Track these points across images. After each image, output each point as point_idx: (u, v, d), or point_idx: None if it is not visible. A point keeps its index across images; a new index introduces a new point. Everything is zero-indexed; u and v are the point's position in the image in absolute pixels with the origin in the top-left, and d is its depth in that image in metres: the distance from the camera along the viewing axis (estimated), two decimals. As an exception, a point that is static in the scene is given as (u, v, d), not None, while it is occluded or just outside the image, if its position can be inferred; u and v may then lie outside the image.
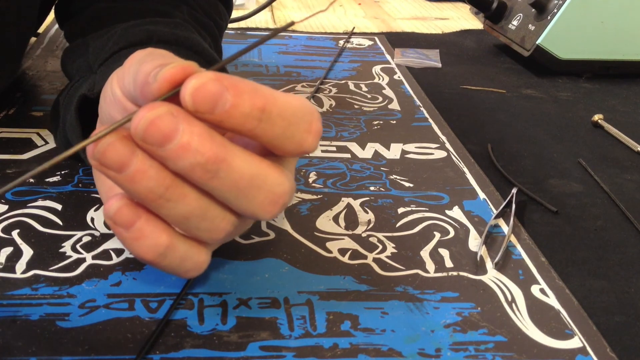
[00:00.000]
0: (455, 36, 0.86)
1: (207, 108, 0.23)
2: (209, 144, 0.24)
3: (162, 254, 0.26)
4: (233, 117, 0.24)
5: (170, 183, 0.25)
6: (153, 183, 0.24)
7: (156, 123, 0.23)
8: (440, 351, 0.29)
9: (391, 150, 0.49)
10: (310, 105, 0.26)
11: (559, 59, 0.69)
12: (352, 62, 0.70)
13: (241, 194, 0.25)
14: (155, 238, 0.26)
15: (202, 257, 0.28)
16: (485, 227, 0.39)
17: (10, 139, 0.46)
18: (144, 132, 0.23)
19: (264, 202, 0.25)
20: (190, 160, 0.23)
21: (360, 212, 0.40)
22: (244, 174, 0.25)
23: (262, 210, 0.26)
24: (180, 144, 0.23)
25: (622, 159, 0.52)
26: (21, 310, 0.30)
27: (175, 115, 0.23)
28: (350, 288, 0.33)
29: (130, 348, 0.28)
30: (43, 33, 0.71)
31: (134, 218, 0.25)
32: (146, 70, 0.25)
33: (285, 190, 0.26)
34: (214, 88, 0.23)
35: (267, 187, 0.25)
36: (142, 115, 0.23)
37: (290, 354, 0.29)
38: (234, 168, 0.24)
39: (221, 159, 0.24)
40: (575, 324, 0.32)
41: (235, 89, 0.23)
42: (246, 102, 0.24)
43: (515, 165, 0.49)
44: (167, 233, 0.26)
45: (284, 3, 1.01)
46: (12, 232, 0.36)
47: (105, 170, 0.24)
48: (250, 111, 0.24)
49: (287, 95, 0.25)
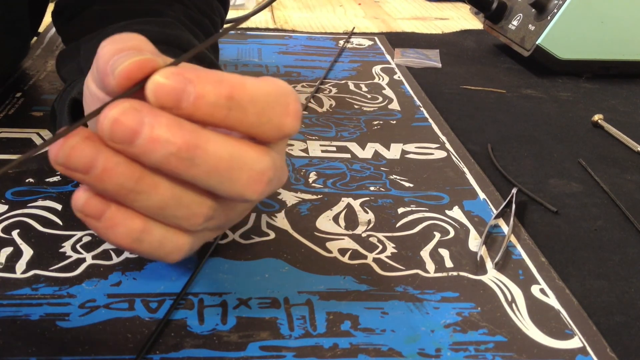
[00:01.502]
0: (455, 36, 0.86)
1: (172, 103, 0.23)
2: (178, 132, 0.23)
3: (137, 239, 0.26)
4: (200, 109, 0.23)
5: (140, 175, 0.24)
6: (122, 179, 0.24)
7: (120, 120, 0.23)
8: (440, 351, 0.29)
9: (391, 150, 0.49)
10: (284, 86, 0.26)
11: (559, 59, 0.69)
12: (352, 62, 0.70)
13: (223, 177, 0.25)
14: (129, 224, 0.25)
15: (182, 239, 0.27)
16: (485, 227, 0.39)
17: (10, 139, 0.46)
18: (110, 132, 0.23)
19: (248, 182, 0.25)
20: (162, 152, 0.23)
21: (360, 212, 0.40)
22: (222, 157, 0.24)
23: (247, 190, 0.25)
24: (149, 137, 0.23)
25: (622, 159, 0.52)
26: (21, 310, 0.30)
27: (139, 109, 0.23)
28: (350, 288, 0.33)
29: (130, 348, 0.28)
30: (43, 33, 0.71)
31: (103, 207, 0.25)
32: (104, 56, 0.24)
33: (267, 166, 0.25)
34: (175, 82, 0.23)
35: (247, 166, 0.25)
36: (105, 114, 0.23)
37: (290, 354, 0.29)
38: (209, 153, 0.24)
39: (194, 145, 0.24)
40: (575, 324, 0.32)
41: (198, 80, 0.23)
42: (211, 92, 0.23)
43: (515, 165, 0.49)
44: (139, 218, 0.26)
45: (284, 3, 1.01)
46: (12, 232, 0.36)
47: (72, 173, 0.24)
48: (217, 100, 0.23)
49: (257, 79, 0.25)
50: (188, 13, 0.46)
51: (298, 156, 0.47)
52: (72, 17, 0.47)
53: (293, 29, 0.85)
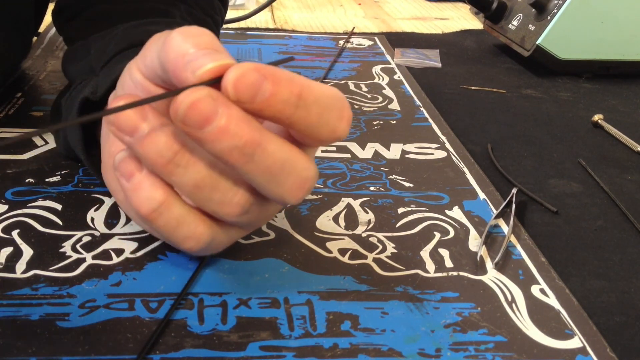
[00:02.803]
0: (455, 36, 0.86)
1: (249, 97, 0.24)
2: (246, 128, 0.25)
3: (156, 210, 0.27)
4: (273, 105, 0.25)
5: (179, 149, 0.26)
6: (162, 146, 0.26)
7: (196, 105, 0.24)
8: (440, 351, 0.29)
9: (391, 150, 0.49)
10: (341, 94, 0.28)
11: (559, 59, 0.69)
12: (352, 62, 0.70)
13: (273, 178, 0.26)
14: (151, 191, 0.27)
15: (201, 229, 0.28)
16: (485, 227, 0.39)
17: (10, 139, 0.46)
18: (184, 114, 0.24)
19: (292, 187, 0.27)
20: (228, 143, 0.24)
21: (360, 212, 0.40)
22: (277, 159, 0.26)
23: (290, 194, 0.27)
24: (219, 126, 0.24)
25: (622, 159, 0.52)
26: (21, 310, 0.30)
27: (215, 98, 0.24)
28: (350, 288, 0.33)
29: (130, 348, 0.28)
30: (43, 33, 0.71)
31: (135, 170, 0.27)
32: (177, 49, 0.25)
33: (312, 175, 0.27)
34: (254, 77, 0.24)
35: (296, 172, 0.26)
36: (183, 98, 0.24)
37: (290, 354, 0.29)
38: (268, 152, 0.25)
39: (257, 142, 0.25)
40: (575, 324, 0.32)
41: (273, 78, 0.24)
42: (284, 89, 0.25)
43: (515, 165, 0.49)
44: (163, 190, 0.27)
45: (284, 3, 1.01)
46: (12, 232, 0.36)
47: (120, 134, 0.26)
48: (289, 98, 0.25)
49: (320, 83, 0.27)
50: (192, 12, 0.46)
51: (298, 156, 0.47)
52: (74, 16, 0.47)
53: (293, 29, 0.85)
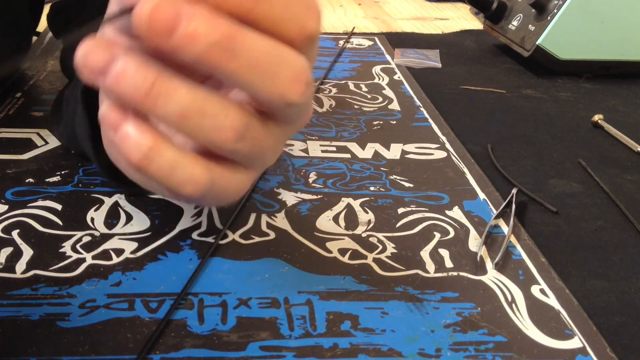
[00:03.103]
0: (455, 36, 0.86)
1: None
2: (218, 22, 0.23)
3: (146, 156, 0.26)
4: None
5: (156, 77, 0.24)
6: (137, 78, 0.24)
7: (157, 10, 0.22)
8: (440, 351, 0.29)
9: (391, 151, 0.49)
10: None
11: (559, 59, 0.69)
12: (352, 62, 0.70)
13: (264, 72, 0.24)
14: (139, 138, 0.26)
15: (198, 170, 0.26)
16: (485, 227, 0.39)
17: (10, 139, 0.46)
18: (148, 24, 0.22)
19: (289, 80, 0.25)
20: (204, 42, 0.23)
21: (360, 212, 0.40)
22: (261, 50, 0.24)
23: (290, 89, 0.25)
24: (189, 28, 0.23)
25: (622, 159, 0.52)
26: (21, 310, 0.30)
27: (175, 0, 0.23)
28: (350, 288, 0.33)
29: (130, 348, 0.28)
30: (43, 33, 0.71)
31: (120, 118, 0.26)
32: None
33: (305, 64, 0.25)
34: None
35: (286, 63, 0.24)
36: (141, 6, 0.22)
37: (290, 354, 0.29)
38: (250, 44, 0.23)
39: (235, 33, 0.23)
40: (575, 324, 0.32)
41: None
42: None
43: (515, 165, 0.49)
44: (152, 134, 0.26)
45: (284, 3, 1.01)
46: (12, 232, 0.36)
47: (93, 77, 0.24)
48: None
49: None
50: None
51: (298, 156, 0.47)
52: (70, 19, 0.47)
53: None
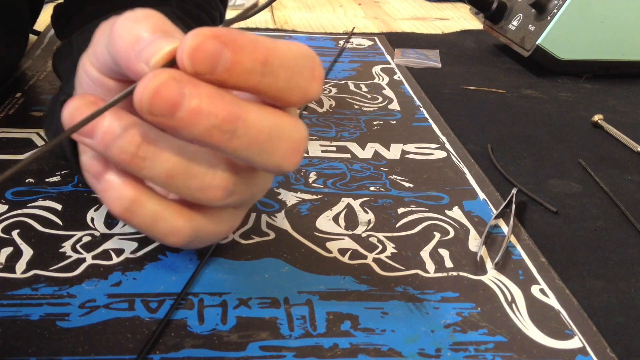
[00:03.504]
0: (455, 36, 0.86)
1: (208, 69, 0.22)
2: (220, 103, 0.23)
3: (128, 209, 0.26)
4: (235, 75, 0.22)
5: (142, 140, 0.24)
6: (123, 142, 0.24)
7: (160, 92, 0.22)
8: (440, 351, 0.29)
9: (391, 151, 0.49)
10: (310, 51, 0.25)
11: (559, 59, 0.69)
12: (352, 62, 0.70)
13: (263, 148, 0.24)
14: (121, 190, 0.25)
15: (180, 222, 0.26)
16: (485, 227, 0.39)
17: (10, 139, 0.46)
18: (149, 105, 0.22)
19: (286, 153, 0.25)
20: (205, 125, 0.22)
21: (360, 212, 0.40)
22: (262, 128, 0.24)
23: (285, 161, 0.25)
24: (191, 109, 0.22)
25: (622, 159, 0.52)
26: (21, 310, 0.30)
27: (179, 80, 0.22)
28: (350, 288, 0.33)
29: (130, 348, 0.28)
30: (43, 33, 0.71)
31: (102, 169, 0.26)
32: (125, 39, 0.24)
33: (304, 135, 0.25)
34: (212, 46, 0.22)
35: (286, 136, 0.25)
36: (143, 87, 0.22)
37: (290, 354, 0.29)
38: (251, 124, 0.23)
39: (236, 116, 0.23)
40: (575, 324, 0.32)
41: (234, 45, 0.22)
42: (247, 57, 0.22)
43: (515, 165, 0.49)
44: (133, 187, 0.25)
45: (284, 3, 1.01)
46: (12, 232, 0.36)
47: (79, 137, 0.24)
48: (253, 66, 0.22)
49: (286, 43, 0.24)
50: (185, 7, 0.46)
51: (298, 156, 0.47)
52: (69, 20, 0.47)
53: (293, 29, 0.85)
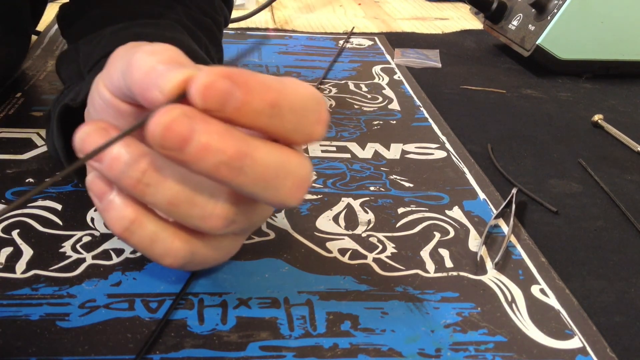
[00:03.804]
0: (455, 36, 0.86)
1: (218, 106, 0.23)
2: (230, 140, 0.23)
3: (128, 229, 0.26)
4: (244, 115, 0.23)
5: (147, 167, 0.25)
6: (128, 167, 0.25)
7: (172, 127, 0.22)
8: (440, 351, 0.30)
9: (391, 150, 0.49)
10: (318, 94, 0.26)
11: (559, 59, 0.69)
12: (352, 62, 0.70)
13: (268, 185, 0.25)
14: (121, 210, 0.26)
15: (177, 244, 0.27)
16: (485, 227, 0.39)
17: (10, 139, 0.46)
18: (161, 139, 0.23)
19: (291, 189, 0.25)
20: (213, 161, 0.23)
21: (360, 212, 0.40)
22: (269, 165, 0.24)
23: (290, 197, 0.25)
24: (200, 145, 0.23)
25: (622, 159, 0.52)
26: (21, 310, 0.30)
27: (190, 116, 0.23)
28: (350, 288, 0.33)
29: (130, 348, 0.28)
30: (43, 33, 0.71)
31: (105, 189, 0.27)
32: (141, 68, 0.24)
33: (308, 171, 0.26)
34: (223, 85, 0.22)
35: (292, 174, 0.25)
36: (156, 122, 0.23)
37: (290, 354, 0.29)
38: (258, 161, 0.24)
39: (244, 154, 0.23)
40: (575, 324, 0.32)
41: (245, 86, 0.23)
42: (257, 98, 0.23)
43: (515, 165, 0.49)
44: (134, 208, 0.26)
45: (284, 3, 1.01)
46: (12, 232, 0.36)
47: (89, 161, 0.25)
48: (262, 108, 0.23)
49: (296, 85, 0.25)
50: (190, 14, 0.46)
51: (298, 156, 0.47)
52: (74, 21, 0.47)
53: (293, 29, 0.85)
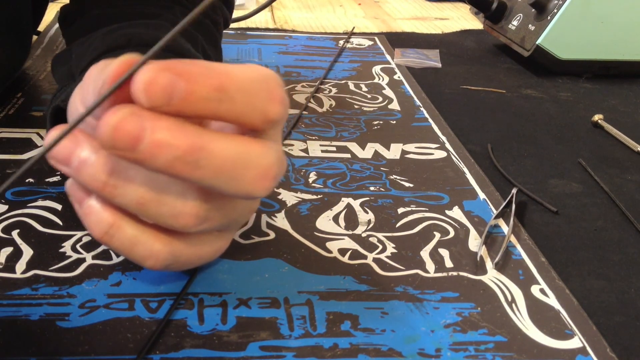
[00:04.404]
0: (455, 36, 0.86)
1: (163, 101, 0.22)
2: (181, 136, 0.23)
3: (107, 233, 0.27)
4: (191, 104, 0.23)
5: (112, 170, 0.25)
6: (94, 170, 0.25)
7: (121, 127, 0.22)
8: (440, 351, 0.30)
9: (391, 150, 0.49)
10: (268, 72, 0.25)
11: (559, 59, 0.69)
12: (352, 62, 0.70)
13: (229, 177, 0.24)
14: (100, 214, 0.26)
15: (158, 246, 0.27)
16: (485, 227, 0.39)
17: (10, 139, 0.46)
18: (111, 139, 0.22)
19: (255, 179, 0.25)
20: (167, 157, 0.23)
21: (360, 212, 0.40)
22: (227, 157, 0.24)
23: (255, 187, 0.25)
24: (152, 142, 0.22)
25: (622, 159, 0.52)
26: (21, 310, 0.30)
27: (139, 114, 0.22)
28: (350, 288, 0.33)
29: (130, 348, 0.28)
30: (43, 33, 0.71)
31: (84, 194, 0.27)
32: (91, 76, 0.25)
33: (273, 161, 0.25)
34: (164, 79, 0.22)
35: (254, 163, 0.25)
36: (105, 122, 0.22)
37: (290, 354, 0.29)
38: (214, 153, 0.23)
39: (198, 147, 0.23)
40: (575, 324, 0.32)
41: (187, 75, 0.22)
42: (201, 86, 0.23)
43: (515, 165, 0.49)
44: (112, 212, 0.26)
45: (284, 3, 1.01)
46: (12, 232, 0.36)
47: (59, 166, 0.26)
48: (208, 94, 0.23)
49: (241, 66, 0.24)
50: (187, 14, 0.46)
51: (298, 156, 0.47)
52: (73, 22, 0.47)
53: (293, 29, 0.85)
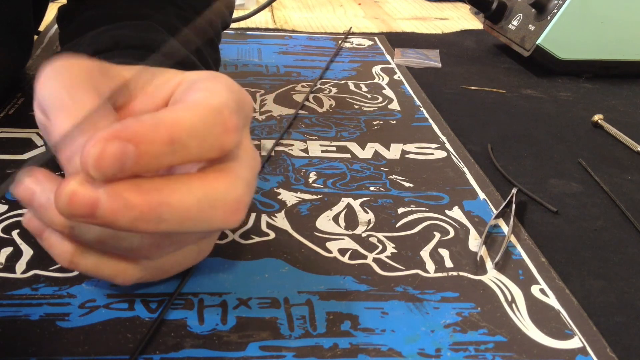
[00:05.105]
0: (455, 36, 0.86)
1: (115, 170, 0.21)
2: (138, 197, 0.22)
3: (71, 262, 0.27)
4: (145, 164, 0.22)
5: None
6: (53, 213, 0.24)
7: (75, 197, 0.22)
8: (440, 351, 0.29)
9: (391, 150, 0.49)
10: (220, 101, 0.24)
11: (559, 59, 0.69)
12: (352, 62, 0.70)
13: (196, 221, 0.24)
14: (60, 246, 0.27)
15: (122, 266, 0.27)
16: (485, 227, 0.39)
17: (10, 139, 0.46)
18: (68, 210, 0.22)
19: (225, 215, 0.24)
20: (127, 219, 0.22)
21: (360, 212, 0.40)
22: (191, 204, 0.23)
23: (226, 223, 0.25)
24: (109, 209, 0.22)
25: (622, 159, 0.52)
26: (21, 310, 0.30)
27: (92, 181, 0.22)
28: (350, 288, 0.33)
29: (131, 348, 0.28)
30: (43, 33, 0.71)
31: (42, 227, 0.27)
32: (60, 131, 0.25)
33: (240, 193, 0.25)
34: (113, 148, 0.21)
35: (220, 202, 0.24)
36: (59, 193, 0.22)
37: (290, 354, 0.29)
38: (176, 205, 0.23)
39: (157, 203, 0.22)
40: (575, 324, 0.32)
41: (135, 137, 0.22)
42: (151, 144, 0.22)
43: (515, 165, 0.49)
44: (71, 243, 0.26)
45: (284, 3, 1.01)
46: (12, 232, 0.36)
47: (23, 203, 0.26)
48: (160, 150, 0.22)
49: (191, 106, 0.24)
50: (181, 15, 0.45)
51: (298, 156, 0.47)
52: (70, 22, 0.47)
53: (293, 29, 0.85)
